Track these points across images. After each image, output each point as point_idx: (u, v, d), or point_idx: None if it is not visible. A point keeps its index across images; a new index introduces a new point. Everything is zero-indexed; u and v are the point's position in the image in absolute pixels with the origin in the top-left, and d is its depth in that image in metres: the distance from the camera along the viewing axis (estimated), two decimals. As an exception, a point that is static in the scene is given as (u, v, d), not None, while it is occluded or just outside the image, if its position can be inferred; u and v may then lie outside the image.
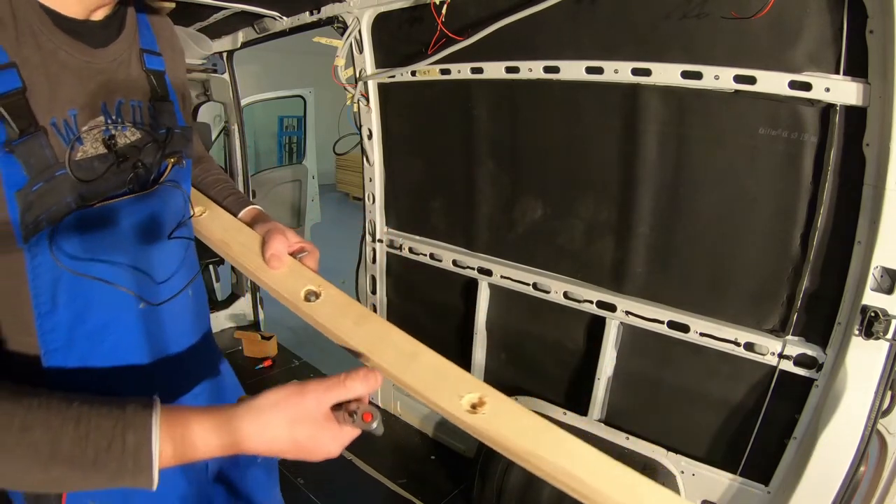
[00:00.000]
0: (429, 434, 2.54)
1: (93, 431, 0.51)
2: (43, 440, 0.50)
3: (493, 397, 0.71)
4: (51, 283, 0.62)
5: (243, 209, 0.94)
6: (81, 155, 0.63)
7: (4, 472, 0.51)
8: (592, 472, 0.67)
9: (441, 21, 1.79)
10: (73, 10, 0.61)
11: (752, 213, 1.49)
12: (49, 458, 0.51)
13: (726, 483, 1.63)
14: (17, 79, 0.56)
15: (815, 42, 1.29)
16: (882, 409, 1.30)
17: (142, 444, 0.53)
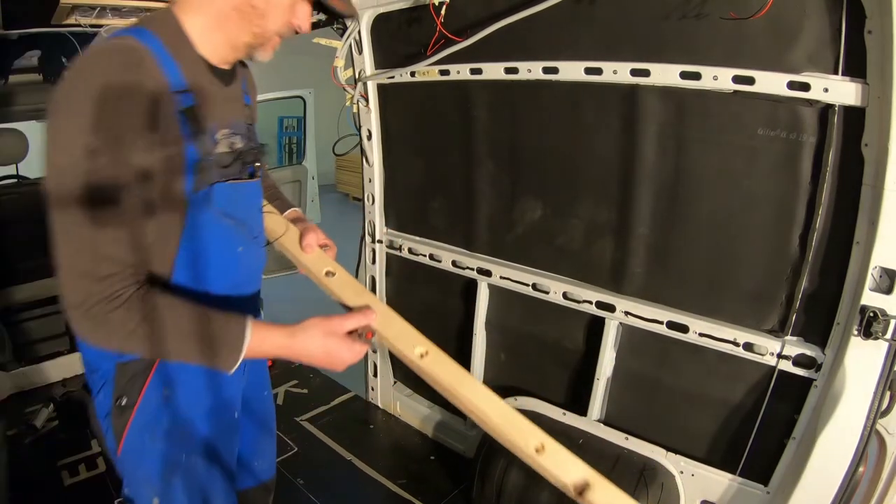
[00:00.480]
0: (428, 434, 2.54)
1: (215, 325, 0.87)
2: (189, 328, 0.86)
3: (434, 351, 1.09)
4: (198, 223, 0.95)
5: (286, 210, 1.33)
6: (217, 150, 0.97)
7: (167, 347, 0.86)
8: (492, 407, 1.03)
9: (440, 22, 1.79)
10: (216, 61, 0.98)
11: (751, 213, 1.50)
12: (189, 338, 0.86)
13: (725, 483, 1.63)
14: (192, 99, 0.90)
15: (813, 42, 1.29)
16: (881, 409, 1.30)
17: (239, 336, 0.88)
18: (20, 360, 2.89)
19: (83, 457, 2.35)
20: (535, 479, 1.75)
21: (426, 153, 2.29)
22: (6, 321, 2.85)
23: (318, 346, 0.94)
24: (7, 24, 2.27)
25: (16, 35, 2.49)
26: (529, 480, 1.77)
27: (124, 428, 1.00)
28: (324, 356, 0.95)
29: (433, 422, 2.52)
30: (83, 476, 2.24)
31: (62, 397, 2.73)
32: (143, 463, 1.02)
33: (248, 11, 0.91)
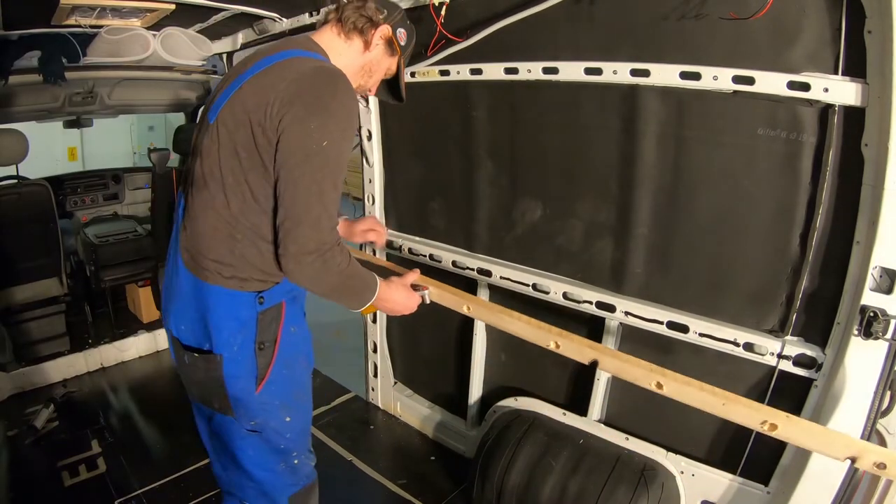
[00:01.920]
0: (429, 435, 2.54)
1: (366, 275, 1.29)
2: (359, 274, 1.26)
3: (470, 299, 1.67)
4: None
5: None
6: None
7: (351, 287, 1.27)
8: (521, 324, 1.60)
9: (440, 22, 1.79)
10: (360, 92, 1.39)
11: (751, 213, 1.49)
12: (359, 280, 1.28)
13: (726, 483, 1.63)
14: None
15: (813, 42, 1.29)
16: (881, 409, 1.30)
17: (374, 284, 1.31)
18: (20, 360, 2.89)
19: (83, 457, 2.35)
20: (535, 479, 1.76)
21: (426, 153, 2.29)
22: (6, 321, 2.85)
23: (400, 295, 1.41)
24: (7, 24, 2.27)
25: (16, 35, 2.49)
26: (530, 480, 1.78)
27: (269, 365, 1.27)
28: (403, 301, 1.42)
29: (433, 422, 2.52)
30: (83, 476, 2.24)
31: (62, 398, 2.74)
32: (281, 389, 1.31)
33: (367, 70, 1.37)
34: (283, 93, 1.11)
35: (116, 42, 2.46)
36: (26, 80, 2.72)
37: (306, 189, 1.11)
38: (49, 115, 3.26)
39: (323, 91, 1.13)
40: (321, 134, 1.10)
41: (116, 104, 3.37)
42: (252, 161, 1.14)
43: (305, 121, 1.10)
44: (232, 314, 1.23)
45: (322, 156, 1.11)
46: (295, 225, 1.11)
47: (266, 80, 1.15)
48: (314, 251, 1.12)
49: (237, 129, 1.14)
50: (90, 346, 3.12)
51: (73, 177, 3.84)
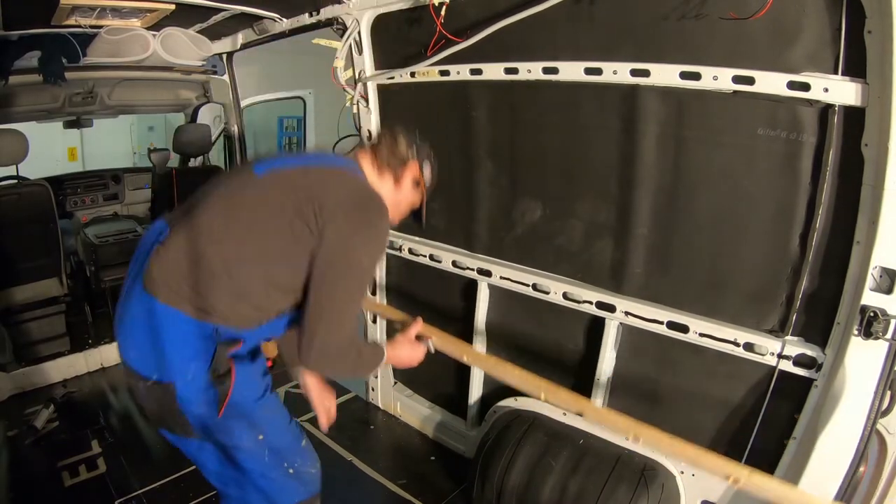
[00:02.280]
0: (429, 435, 2.54)
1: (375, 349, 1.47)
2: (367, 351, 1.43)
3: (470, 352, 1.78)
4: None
5: None
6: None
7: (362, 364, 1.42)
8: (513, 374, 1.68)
9: (440, 22, 1.79)
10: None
11: (751, 213, 1.49)
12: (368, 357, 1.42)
13: (726, 483, 1.63)
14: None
15: (813, 42, 1.29)
16: (881, 409, 1.30)
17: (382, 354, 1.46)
18: (20, 360, 2.89)
19: (83, 457, 2.35)
20: (535, 480, 1.76)
21: (426, 153, 2.29)
22: (6, 321, 2.85)
23: (405, 351, 1.56)
24: (7, 24, 2.27)
25: (16, 35, 2.49)
26: (529, 480, 1.77)
27: (228, 390, 1.27)
28: (409, 355, 1.57)
29: (433, 422, 2.52)
30: (83, 477, 2.24)
31: (62, 398, 2.74)
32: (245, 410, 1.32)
33: (396, 203, 1.46)
34: (337, 201, 1.26)
35: (116, 42, 2.46)
36: (26, 80, 2.72)
37: (341, 295, 1.28)
38: (49, 115, 3.26)
39: (372, 214, 1.30)
40: (363, 250, 1.28)
41: (116, 104, 3.38)
42: (280, 236, 1.25)
43: (353, 236, 1.26)
44: (187, 341, 1.23)
45: (360, 269, 1.29)
46: (325, 324, 1.26)
47: (323, 178, 1.32)
48: (336, 348, 1.29)
49: (283, 203, 1.26)
50: (90, 346, 3.12)
51: (73, 177, 3.84)
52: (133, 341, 1.28)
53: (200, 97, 3.63)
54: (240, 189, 1.32)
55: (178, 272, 1.23)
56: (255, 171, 1.34)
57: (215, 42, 2.99)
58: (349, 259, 1.26)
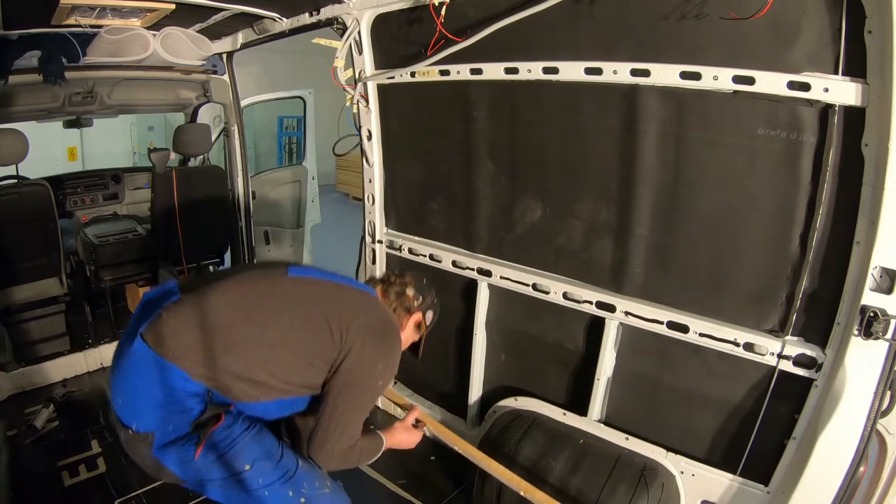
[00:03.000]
0: (428, 435, 2.53)
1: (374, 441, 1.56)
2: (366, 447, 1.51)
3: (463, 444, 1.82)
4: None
5: None
6: None
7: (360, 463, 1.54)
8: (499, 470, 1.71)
9: (440, 22, 1.79)
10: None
11: (751, 213, 1.49)
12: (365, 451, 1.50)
13: (726, 483, 1.63)
14: None
15: (813, 42, 1.29)
16: (881, 409, 1.30)
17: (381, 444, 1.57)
18: (20, 360, 2.89)
19: (83, 457, 2.34)
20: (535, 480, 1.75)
21: (426, 153, 2.29)
22: (6, 321, 2.84)
23: (402, 438, 1.66)
24: (7, 24, 2.26)
25: (16, 35, 2.48)
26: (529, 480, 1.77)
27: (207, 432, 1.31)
28: (407, 440, 1.67)
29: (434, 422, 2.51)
30: (83, 476, 2.24)
31: (62, 398, 2.73)
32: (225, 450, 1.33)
33: (409, 338, 1.62)
34: (364, 324, 1.39)
35: (116, 42, 2.46)
36: (26, 80, 2.71)
37: (354, 410, 1.40)
38: (49, 115, 3.26)
39: (392, 343, 1.48)
40: (380, 374, 1.43)
41: (116, 104, 3.37)
42: (304, 337, 1.36)
43: (375, 361, 1.41)
44: (176, 397, 1.28)
45: (373, 389, 1.45)
46: (336, 433, 1.37)
47: (354, 299, 1.47)
48: (341, 451, 1.40)
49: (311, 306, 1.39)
50: (90, 346, 3.12)
51: (73, 177, 3.84)
52: (124, 389, 1.32)
53: (200, 97, 3.63)
54: (274, 280, 1.44)
55: (189, 334, 1.29)
56: (289, 272, 1.46)
57: (215, 42, 2.99)
58: (367, 381, 1.40)
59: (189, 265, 3.35)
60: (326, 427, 1.37)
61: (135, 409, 1.30)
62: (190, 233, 3.23)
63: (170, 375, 1.26)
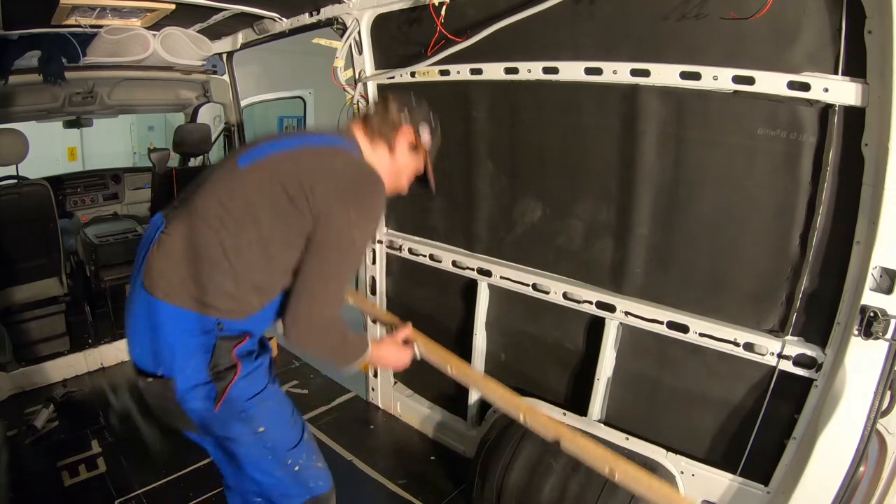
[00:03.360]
0: (428, 435, 2.54)
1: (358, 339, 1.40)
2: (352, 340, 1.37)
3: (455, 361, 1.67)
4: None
5: None
6: None
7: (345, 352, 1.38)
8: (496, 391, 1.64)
9: (440, 22, 1.79)
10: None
11: (751, 213, 1.49)
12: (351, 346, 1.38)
13: (726, 483, 1.63)
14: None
15: (813, 42, 1.29)
16: (881, 409, 1.30)
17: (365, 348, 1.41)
18: (20, 360, 2.89)
19: (83, 457, 2.35)
20: (535, 480, 1.76)
21: (426, 153, 2.29)
22: (6, 321, 2.84)
23: (390, 352, 1.55)
24: (7, 24, 2.27)
25: (16, 35, 2.49)
26: (529, 480, 1.77)
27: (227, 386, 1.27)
28: (393, 359, 1.56)
29: (433, 422, 2.52)
30: (83, 476, 2.24)
31: (62, 398, 2.74)
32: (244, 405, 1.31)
33: (395, 173, 1.44)
34: (329, 181, 1.25)
35: (116, 42, 2.46)
36: (26, 80, 2.72)
37: (330, 270, 1.26)
38: (49, 115, 3.26)
39: (364, 191, 1.28)
40: (356, 227, 1.26)
41: (116, 104, 3.37)
42: (276, 222, 1.24)
43: (345, 215, 1.24)
44: (186, 337, 1.24)
45: (351, 246, 1.28)
46: (311, 299, 1.25)
47: (313, 160, 1.30)
48: (321, 323, 1.27)
49: (271, 188, 1.24)
50: (90, 346, 3.12)
51: (73, 177, 3.84)
52: (136, 339, 1.29)
53: (200, 97, 3.63)
54: (232, 178, 1.30)
55: (177, 266, 1.24)
56: (239, 163, 1.31)
57: (215, 42, 2.99)
58: (341, 236, 1.24)
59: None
60: (300, 293, 1.24)
61: (150, 355, 1.26)
62: None
63: (173, 316, 1.22)
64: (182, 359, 1.24)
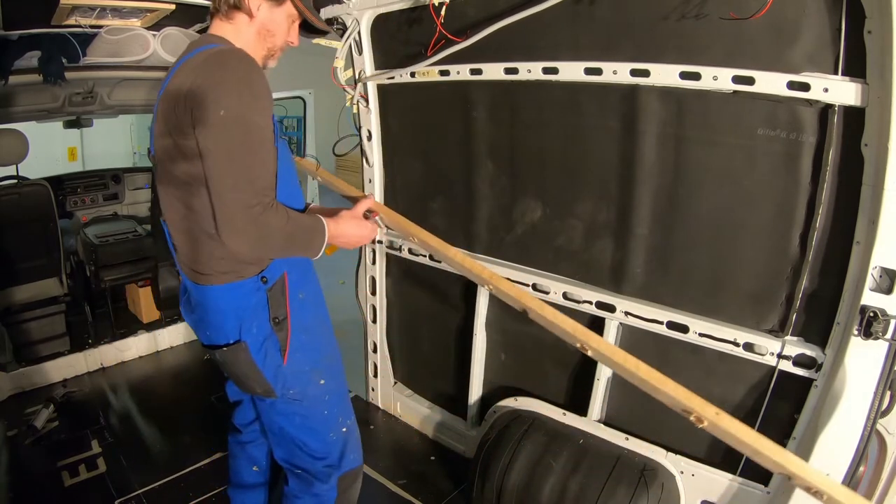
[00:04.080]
0: (428, 435, 2.54)
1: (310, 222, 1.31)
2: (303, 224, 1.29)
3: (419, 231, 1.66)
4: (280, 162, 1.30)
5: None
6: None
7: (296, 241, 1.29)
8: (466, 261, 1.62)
9: (440, 22, 1.79)
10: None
11: (751, 213, 1.49)
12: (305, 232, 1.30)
13: (726, 483, 1.63)
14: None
15: (813, 42, 1.29)
16: (881, 409, 1.30)
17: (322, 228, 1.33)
18: (20, 360, 2.89)
19: (83, 457, 2.35)
20: (535, 479, 1.76)
21: (426, 154, 2.29)
22: (6, 321, 2.85)
23: (352, 227, 1.43)
24: (7, 24, 2.27)
25: (16, 35, 2.49)
26: (529, 480, 1.78)
27: (287, 337, 1.38)
28: (356, 234, 1.45)
29: (433, 422, 2.52)
30: (83, 476, 2.24)
31: (62, 398, 2.74)
32: (306, 356, 1.42)
33: (264, 34, 1.35)
34: (188, 86, 1.17)
35: (116, 42, 2.46)
36: (26, 80, 2.71)
37: (224, 164, 1.16)
38: (49, 115, 3.26)
39: (223, 71, 1.17)
40: (228, 111, 1.15)
41: (116, 104, 3.37)
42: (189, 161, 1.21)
43: (211, 105, 1.14)
44: (241, 304, 1.33)
45: (231, 131, 1.16)
46: (221, 201, 1.17)
47: (177, 80, 1.22)
48: (243, 215, 1.17)
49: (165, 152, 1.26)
50: (90, 346, 3.12)
51: (73, 177, 3.84)
52: (202, 324, 1.41)
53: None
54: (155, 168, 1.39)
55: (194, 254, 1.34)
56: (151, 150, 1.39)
57: (215, 42, 2.99)
58: (218, 127, 1.15)
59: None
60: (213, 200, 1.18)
61: (219, 332, 1.35)
62: None
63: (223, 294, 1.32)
64: (248, 321, 1.33)
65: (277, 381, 1.39)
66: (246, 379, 1.39)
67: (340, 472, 1.54)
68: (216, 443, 2.40)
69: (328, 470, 1.52)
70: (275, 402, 1.43)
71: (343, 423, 1.54)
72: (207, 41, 1.30)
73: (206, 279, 1.33)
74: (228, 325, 1.33)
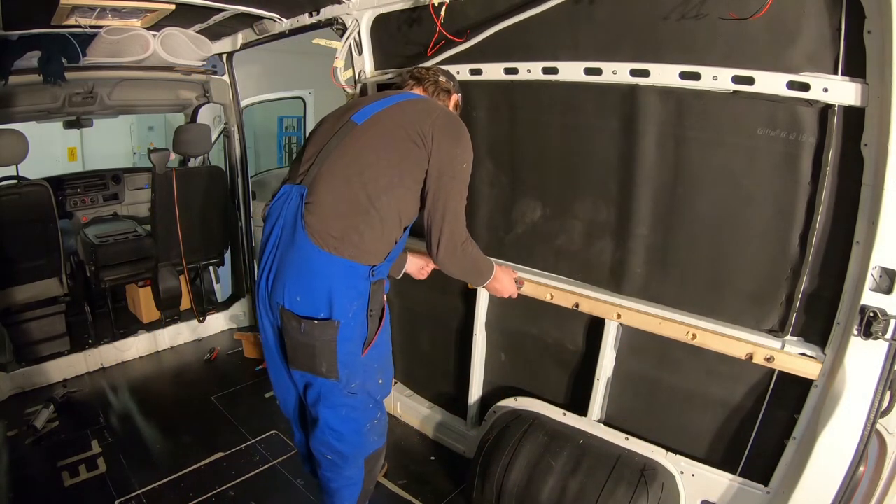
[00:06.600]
0: (428, 435, 2.54)
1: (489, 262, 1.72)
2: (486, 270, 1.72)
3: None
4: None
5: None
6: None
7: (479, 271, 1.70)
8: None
9: (440, 22, 1.79)
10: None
11: (750, 213, 1.49)
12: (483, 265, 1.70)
13: (726, 483, 1.63)
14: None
15: (813, 42, 1.29)
16: (881, 409, 1.30)
17: (492, 269, 1.72)
18: (20, 360, 2.89)
19: (83, 457, 2.35)
20: (534, 479, 1.76)
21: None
22: (6, 321, 2.85)
23: (507, 279, 1.79)
24: (7, 24, 2.27)
25: (16, 35, 2.49)
26: (529, 480, 1.78)
27: (377, 331, 1.57)
28: (508, 286, 1.80)
29: (433, 422, 2.52)
30: (83, 476, 2.24)
31: (62, 398, 2.74)
32: (380, 353, 1.63)
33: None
34: (433, 123, 1.49)
35: (116, 42, 2.46)
36: (26, 80, 2.72)
37: (455, 198, 1.51)
38: (49, 116, 3.26)
39: (460, 126, 1.57)
40: (462, 159, 1.53)
41: (116, 104, 3.37)
42: (404, 164, 1.48)
43: (454, 148, 1.51)
44: (352, 284, 1.46)
45: (463, 174, 1.53)
46: (447, 224, 1.50)
47: (415, 107, 1.56)
48: (459, 243, 1.53)
49: (394, 134, 1.48)
50: (90, 346, 3.12)
51: (73, 177, 3.84)
52: (300, 287, 1.45)
53: (200, 97, 3.63)
54: (355, 133, 1.50)
55: (335, 220, 1.43)
56: (357, 118, 1.53)
57: (215, 42, 2.99)
58: (455, 165, 1.50)
59: (189, 265, 3.35)
60: (437, 217, 1.50)
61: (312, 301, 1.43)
62: (190, 233, 3.23)
63: (339, 266, 1.42)
64: (347, 302, 1.44)
65: (347, 370, 1.49)
66: (318, 355, 1.46)
67: (366, 454, 1.65)
68: (216, 443, 2.41)
69: (356, 453, 1.62)
70: (328, 395, 1.52)
71: (380, 417, 1.67)
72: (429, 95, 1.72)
73: (335, 245, 1.42)
74: (334, 299, 1.43)
